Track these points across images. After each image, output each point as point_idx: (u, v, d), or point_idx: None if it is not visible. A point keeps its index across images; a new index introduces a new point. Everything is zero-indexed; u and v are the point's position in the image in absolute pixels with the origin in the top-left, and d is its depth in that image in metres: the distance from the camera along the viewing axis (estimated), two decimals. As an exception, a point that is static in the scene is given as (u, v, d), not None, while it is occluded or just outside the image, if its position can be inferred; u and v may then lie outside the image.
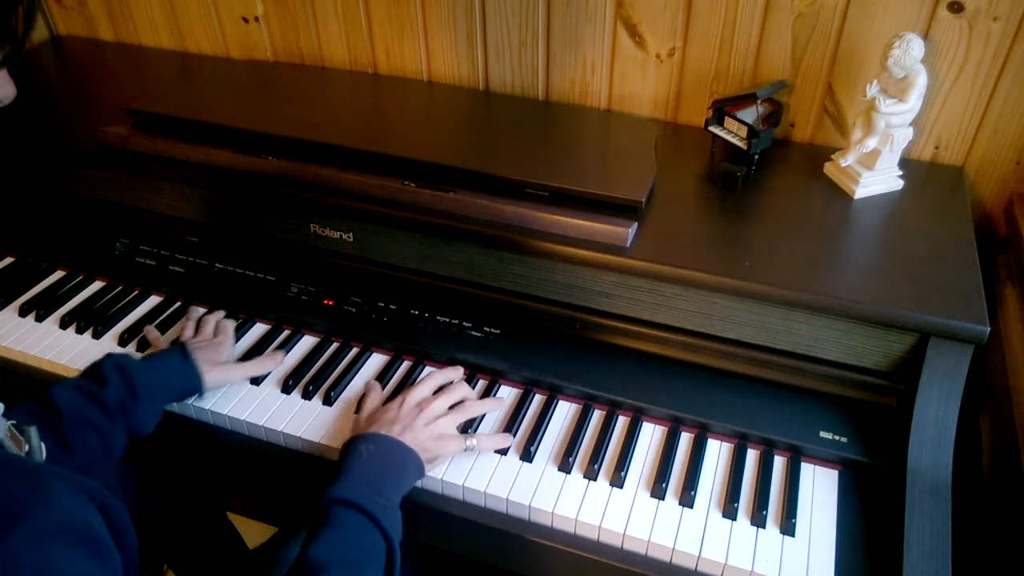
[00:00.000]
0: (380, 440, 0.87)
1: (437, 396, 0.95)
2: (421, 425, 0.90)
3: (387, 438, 0.87)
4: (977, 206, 1.16)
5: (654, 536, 0.85)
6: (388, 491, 0.83)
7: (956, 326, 0.85)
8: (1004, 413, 0.95)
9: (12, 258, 1.28)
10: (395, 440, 0.87)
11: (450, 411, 0.95)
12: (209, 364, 1.00)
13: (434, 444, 0.90)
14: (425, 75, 1.39)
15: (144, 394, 0.92)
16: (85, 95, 1.42)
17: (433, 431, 0.91)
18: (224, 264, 1.18)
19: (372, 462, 0.84)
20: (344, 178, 1.06)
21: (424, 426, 0.91)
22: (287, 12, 1.41)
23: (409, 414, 0.91)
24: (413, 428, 0.90)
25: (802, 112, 1.19)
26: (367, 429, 0.89)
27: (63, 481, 0.59)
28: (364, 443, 0.86)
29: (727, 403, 0.97)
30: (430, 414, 0.92)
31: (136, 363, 0.95)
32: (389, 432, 0.88)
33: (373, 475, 0.83)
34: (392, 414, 0.91)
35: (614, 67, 1.25)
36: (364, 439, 0.87)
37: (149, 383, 0.93)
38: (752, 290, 0.91)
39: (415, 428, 0.90)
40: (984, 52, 1.04)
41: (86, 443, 0.86)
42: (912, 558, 0.80)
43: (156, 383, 0.94)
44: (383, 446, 0.86)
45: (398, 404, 0.93)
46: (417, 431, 0.90)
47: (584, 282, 0.99)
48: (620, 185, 1.02)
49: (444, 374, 1.00)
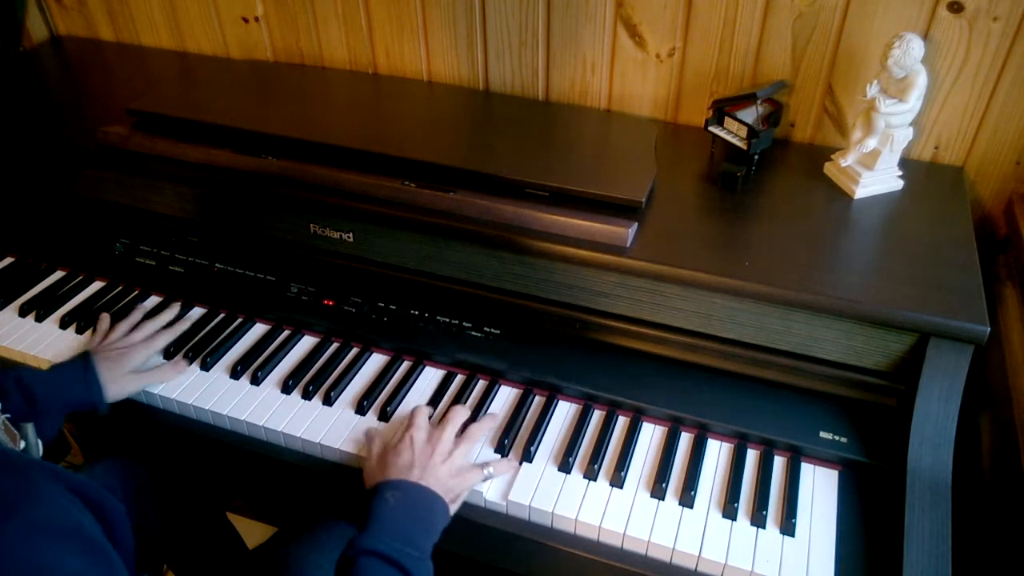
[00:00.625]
0: (406, 487, 0.83)
1: (442, 427, 0.92)
2: (439, 463, 0.87)
3: (413, 484, 0.84)
4: (977, 206, 1.16)
5: (654, 536, 0.85)
6: (420, 541, 0.80)
7: (956, 326, 0.85)
8: (1004, 413, 0.95)
9: (12, 258, 1.28)
10: (421, 486, 0.84)
11: (459, 441, 0.91)
12: (111, 375, 0.99)
13: (455, 483, 0.87)
14: (425, 75, 1.39)
15: (43, 407, 0.92)
16: (85, 95, 1.42)
17: (451, 468, 0.88)
18: (224, 264, 1.18)
19: (400, 510, 0.81)
20: (344, 178, 1.06)
21: (441, 464, 0.87)
22: (287, 12, 1.41)
23: (424, 453, 0.88)
24: (432, 468, 0.86)
25: (802, 112, 1.19)
26: (386, 475, 0.86)
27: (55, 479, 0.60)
28: (391, 490, 0.82)
29: (727, 403, 0.97)
30: (443, 449, 0.89)
31: (37, 375, 0.95)
32: (410, 476, 0.85)
33: (403, 524, 0.80)
34: (407, 457, 0.87)
35: (614, 67, 1.25)
36: (389, 486, 0.83)
37: (47, 395, 0.93)
38: (752, 290, 0.91)
39: (433, 467, 0.86)
40: (984, 52, 1.04)
41: None
42: (912, 558, 0.80)
43: (55, 395, 0.94)
44: (410, 494, 0.83)
45: (408, 445, 0.89)
46: (437, 471, 0.86)
47: (584, 282, 0.99)
48: (620, 185, 1.02)
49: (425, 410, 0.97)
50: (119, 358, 1.02)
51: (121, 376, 1.00)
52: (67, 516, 0.58)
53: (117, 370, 1.00)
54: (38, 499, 0.57)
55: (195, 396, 1.02)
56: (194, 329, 1.12)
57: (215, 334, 1.11)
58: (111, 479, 1.07)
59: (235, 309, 1.15)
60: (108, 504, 0.63)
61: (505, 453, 0.94)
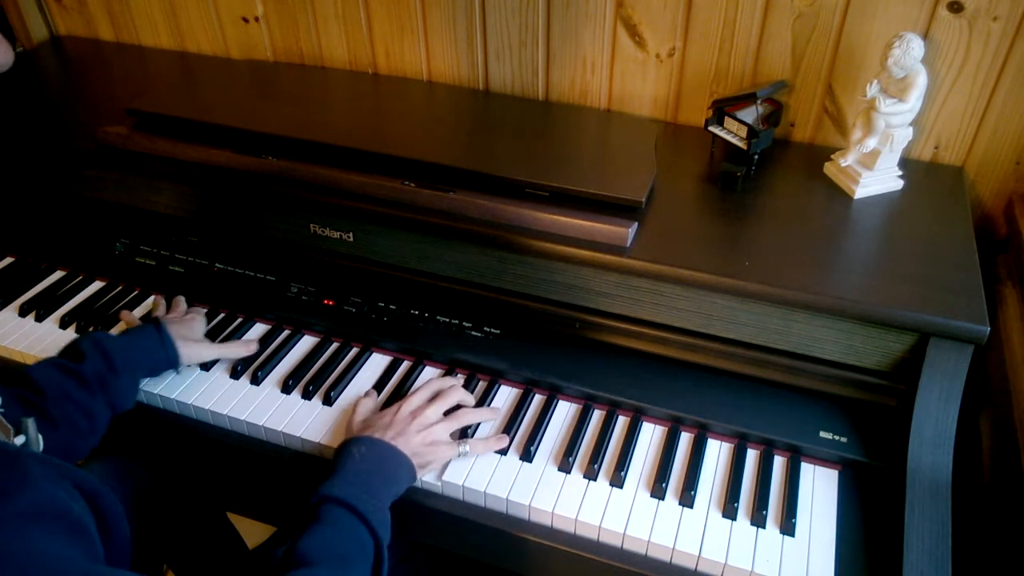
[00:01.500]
0: (373, 443, 0.88)
1: (432, 403, 0.95)
2: (414, 431, 0.91)
3: (380, 442, 0.88)
4: (977, 206, 1.16)
5: (654, 536, 0.85)
6: (379, 492, 0.84)
7: (956, 326, 0.85)
8: (1004, 413, 0.95)
9: (12, 258, 1.28)
10: (388, 444, 0.88)
11: (445, 418, 0.95)
12: (183, 339, 1.03)
13: (426, 450, 0.91)
14: (425, 75, 1.39)
15: (123, 366, 0.94)
16: (85, 95, 1.42)
17: (426, 437, 0.91)
18: (224, 264, 1.18)
19: (364, 463, 0.86)
20: (344, 178, 1.06)
21: (417, 432, 0.91)
22: (287, 12, 1.41)
23: (403, 420, 0.92)
24: (406, 434, 0.90)
25: (802, 112, 1.19)
26: (361, 433, 0.90)
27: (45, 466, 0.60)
28: (357, 445, 0.87)
29: (727, 403, 0.97)
30: (424, 421, 0.93)
31: (113, 338, 0.97)
32: (383, 436, 0.89)
33: (365, 476, 0.84)
34: (386, 420, 0.92)
35: (614, 67, 1.25)
36: (358, 441, 0.88)
37: (127, 356, 0.95)
38: (752, 290, 0.91)
39: (408, 434, 0.91)
40: (984, 52, 1.04)
41: (69, 417, 0.88)
42: (912, 558, 0.80)
43: (133, 356, 0.97)
44: (376, 449, 0.88)
45: (393, 411, 0.93)
46: (410, 436, 0.90)
47: (584, 282, 0.99)
48: (620, 185, 1.02)
49: (440, 382, 1.00)
50: (187, 323, 1.06)
51: (194, 341, 1.04)
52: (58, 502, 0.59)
53: (189, 334, 1.05)
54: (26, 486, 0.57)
55: (195, 396, 1.02)
56: (194, 329, 1.12)
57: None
58: (111, 478, 1.06)
59: (235, 309, 1.15)
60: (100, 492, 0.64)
61: (505, 452, 0.94)
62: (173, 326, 1.03)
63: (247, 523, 1.64)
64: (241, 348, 1.07)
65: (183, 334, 1.03)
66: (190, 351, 1.03)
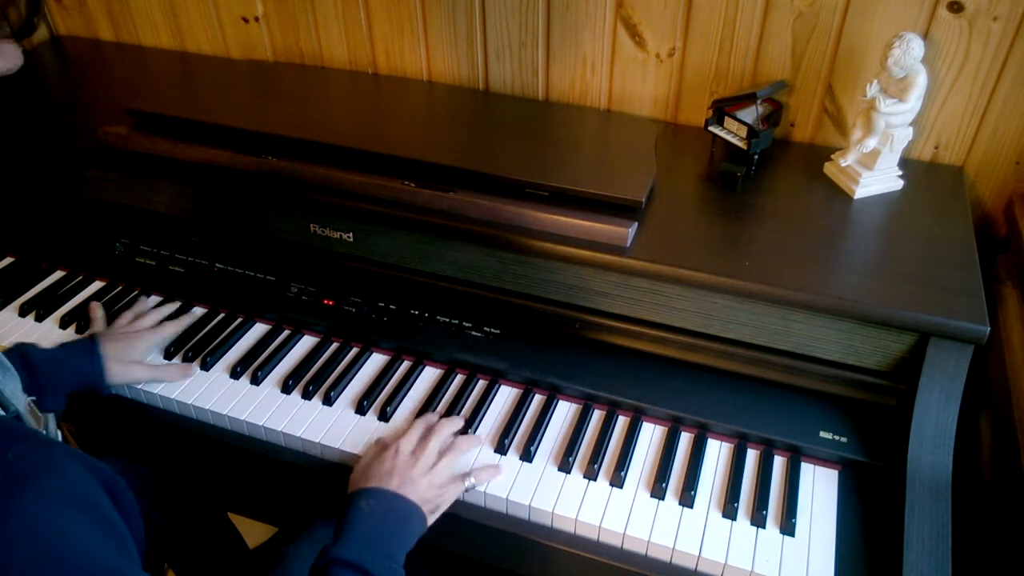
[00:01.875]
0: (382, 495, 0.83)
1: (428, 440, 0.91)
2: (419, 476, 0.87)
3: (389, 492, 0.84)
4: (977, 206, 1.16)
5: (654, 536, 0.85)
6: (393, 550, 0.80)
7: (956, 326, 0.85)
8: (1004, 413, 0.95)
9: (12, 258, 1.28)
10: (397, 494, 0.84)
11: (444, 455, 0.91)
12: (117, 360, 1.00)
13: (435, 494, 0.87)
14: (425, 75, 1.39)
15: (45, 382, 0.92)
16: (85, 95, 1.42)
17: (432, 480, 0.88)
18: (224, 264, 1.18)
19: (375, 518, 0.81)
20: (344, 178, 1.06)
21: (422, 476, 0.87)
22: (287, 12, 1.41)
23: (406, 464, 0.88)
24: (412, 480, 0.86)
25: (802, 112, 1.19)
26: (365, 483, 0.86)
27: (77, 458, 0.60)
28: (365, 498, 0.83)
29: (727, 403, 0.97)
30: (426, 462, 0.89)
31: (40, 351, 0.96)
32: (388, 486, 0.85)
33: (377, 533, 0.80)
34: (388, 466, 0.87)
35: (614, 67, 1.25)
36: (365, 494, 0.83)
37: (49, 371, 0.94)
38: (752, 290, 0.91)
39: (414, 480, 0.86)
40: (984, 52, 1.04)
41: None
42: (912, 558, 0.80)
43: (57, 372, 0.95)
44: (385, 501, 0.83)
45: (392, 455, 0.89)
46: (417, 482, 0.86)
47: (584, 282, 0.99)
48: (620, 185, 1.02)
49: (427, 417, 0.97)
50: (126, 340, 1.03)
51: (128, 360, 1.02)
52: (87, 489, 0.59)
53: (124, 353, 1.02)
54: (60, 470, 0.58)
55: (195, 396, 1.02)
56: (194, 329, 1.12)
57: (215, 334, 1.11)
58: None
59: (235, 309, 1.15)
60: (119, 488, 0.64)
61: (505, 453, 0.95)
62: (111, 344, 1.01)
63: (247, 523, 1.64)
64: (177, 372, 1.04)
65: (119, 354, 1.01)
66: (121, 372, 1.00)
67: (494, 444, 0.96)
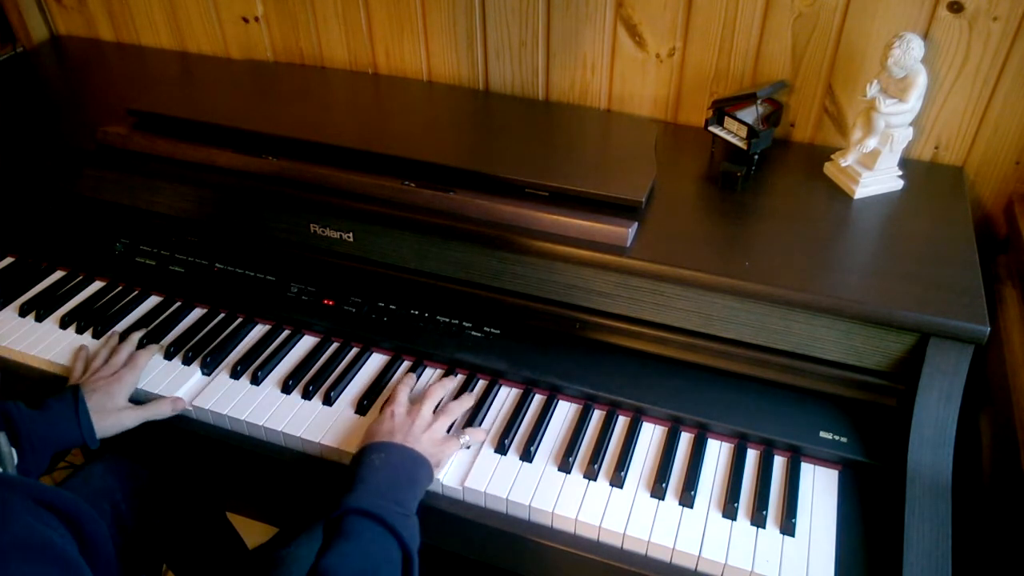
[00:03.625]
0: (391, 448, 0.86)
1: (420, 402, 0.95)
2: (419, 432, 0.90)
3: (398, 445, 0.87)
4: (977, 206, 1.16)
5: (654, 536, 0.85)
6: (405, 499, 0.82)
7: (956, 326, 0.85)
8: (1004, 413, 0.95)
9: (12, 258, 1.28)
10: (406, 447, 0.87)
11: (437, 415, 0.95)
12: (102, 411, 0.96)
13: (436, 449, 0.91)
14: (425, 75, 1.39)
15: (29, 445, 0.87)
16: (85, 95, 1.42)
17: (432, 435, 0.91)
18: (224, 264, 1.18)
19: (386, 469, 0.83)
20: (344, 178, 1.06)
21: (422, 432, 0.91)
22: (287, 12, 1.41)
23: (404, 423, 0.91)
24: (415, 435, 0.89)
25: (802, 112, 1.19)
26: (370, 440, 0.89)
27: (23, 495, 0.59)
28: (375, 452, 0.85)
29: (727, 403, 0.97)
30: (423, 421, 0.92)
31: (26, 414, 0.90)
32: (394, 440, 0.88)
33: (388, 483, 0.82)
34: (388, 425, 0.90)
35: (614, 67, 1.25)
36: (374, 447, 0.86)
37: (35, 434, 0.88)
38: (752, 290, 0.91)
39: (416, 435, 0.89)
40: (984, 52, 1.04)
41: None
42: (912, 558, 0.80)
43: (43, 435, 0.90)
44: (395, 453, 0.85)
45: (388, 415, 0.92)
46: (419, 438, 0.89)
47: (584, 282, 0.99)
48: (620, 185, 1.02)
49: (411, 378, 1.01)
50: (108, 389, 0.98)
51: (114, 410, 0.97)
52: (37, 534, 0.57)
53: (109, 403, 0.97)
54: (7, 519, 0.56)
55: (195, 396, 1.02)
56: (194, 329, 1.12)
57: (215, 334, 1.11)
58: (111, 479, 1.06)
59: (235, 309, 1.15)
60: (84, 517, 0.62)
61: (505, 453, 0.95)
62: (94, 397, 0.96)
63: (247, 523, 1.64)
64: (167, 406, 1.00)
65: (104, 405, 0.96)
66: (110, 424, 0.95)
67: (494, 444, 0.96)
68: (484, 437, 0.96)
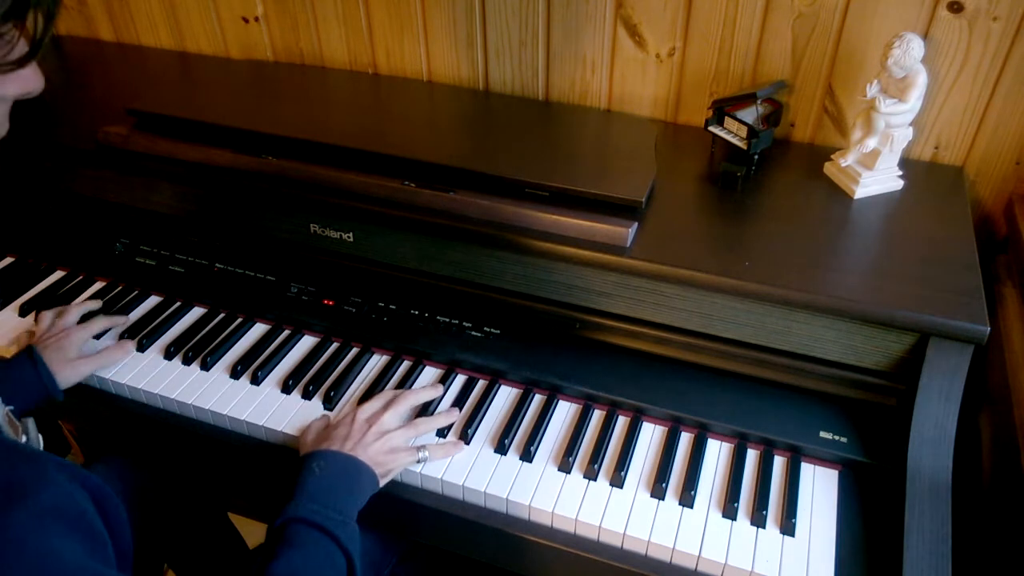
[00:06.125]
0: (332, 456, 0.87)
1: (385, 409, 0.94)
2: (371, 440, 0.90)
3: (339, 454, 0.87)
4: (977, 206, 1.16)
5: (654, 536, 0.85)
6: (344, 506, 0.83)
7: (956, 326, 0.85)
8: (1004, 413, 0.95)
9: (12, 258, 1.28)
10: (346, 455, 0.87)
11: (403, 425, 0.94)
12: (60, 363, 1.00)
13: (385, 458, 0.90)
14: (425, 75, 1.39)
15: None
16: (85, 95, 1.42)
17: (384, 445, 0.90)
18: (224, 264, 1.18)
19: (326, 478, 0.84)
20: (344, 178, 1.06)
21: (375, 440, 0.90)
22: (287, 12, 1.41)
23: (359, 430, 0.91)
24: (364, 443, 0.89)
25: (802, 112, 1.19)
26: (317, 447, 0.89)
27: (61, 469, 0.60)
28: (316, 460, 0.86)
29: (727, 403, 0.97)
30: (381, 428, 0.92)
31: None
32: (341, 448, 0.88)
33: (328, 491, 0.83)
34: (343, 431, 0.91)
35: (614, 67, 1.25)
36: (315, 456, 0.87)
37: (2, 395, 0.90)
38: (752, 290, 0.91)
39: (365, 443, 0.89)
40: (984, 52, 1.04)
41: None
42: (912, 558, 0.80)
43: (9, 393, 0.92)
44: (335, 462, 0.86)
45: (348, 422, 0.92)
46: (368, 445, 0.89)
47: (584, 282, 0.99)
48: (620, 185, 1.02)
49: (395, 391, 0.99)
50: (59, 344, 1.02)
51: (68, 362, 1.01)
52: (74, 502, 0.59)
53: (63, 356, 1.01)
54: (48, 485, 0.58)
55: (195, 396, 1.02)
56: (194, 329, 1.12)
57: (215, 334, 1.11)
58: (111, 479, 1.07)
59: (235, 309, 1.15)
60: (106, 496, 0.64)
61: (505, 453, 0.95)
62: (47, 352, 0.99)
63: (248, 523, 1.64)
64: (118, 352, 1.05)
65: (60, 356, 1.00)
66: (68, 373, 1.00)
67: (494, 444, 0.96)
68: (445, 455, 0.94)
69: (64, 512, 0.57)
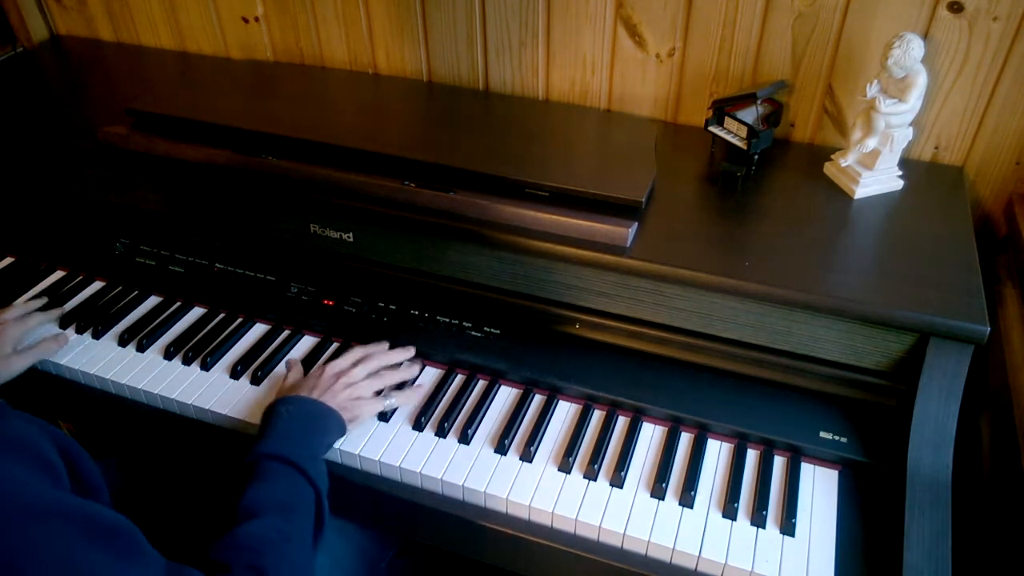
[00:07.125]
0: (299, 401, 0.92)
1: (357, 366, 0.99)
2: (340, 388, 0.95)
3: (306, 399, 0.92)
4: (977, 206, 1.16)
5: (654, 536, 0.85)
6: (311, 444, 0.88)
7: (956, 326, 0.85)
8: (1004, 413, 0.95)
9: (12, 258, 1.28)
10: (313, 399, 0.92)
11: (369, 377, 0.99)
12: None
13: (352, 404, 0.95)
14: (425, 75, 1.39)
15: None
16: (85, 95, 1.42)
17: (351, 393, 0.95)
18: (224, 264, 1.18)
19: (294, 420, 0.89)
20: (344, 178, 1.06)
21: (343, 389, 0.95)
22: (287, 12, 1.41)
23: (328, 380, 0.96)
24: (332, 391, 0.94)
25: (802, 112, 1.19)
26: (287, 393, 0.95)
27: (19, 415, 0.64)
28: (284, 405, 0.90)
29: (727, 403, 0.97)
30: (348, 380, 0.96)
31: None
32: (309, 395, 0.93)
33: (296, 431, 0.88)
34: (312, 382, 0.96)
35: (614, 67, 1.25)
36: (284, 401, 0.91)
37: None
38: (752, 290, 0.91)
39: (333, 391, 0.95)
40: (984, 52, 1.04)
41: None
42: (912, 558, 0.80)
43: None
44: (302, 406, 0.91)
45: (317, 374, 0.97)
46: (336, 392, 0.94)
47: (584, 282, 0.99)
48: (620, 185, 1.02)
49: (364, 348, 1.03)
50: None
51: (3, 358, 1.02)
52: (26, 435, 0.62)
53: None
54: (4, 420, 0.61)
55: (196, 396, 1.02)
56: (194, 329, 1.12)
57: (215, 334, 1.11)
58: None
59: (235, 309, 1.15)
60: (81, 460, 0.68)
61: (505, 453, 0.95)
62: None
63: (247, 523, 1.64)
64: (52, 344, 1.07)
65: None
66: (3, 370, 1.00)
67: (494, 444, 0.96)
68: (410, 400, 0.99)
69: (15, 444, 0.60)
